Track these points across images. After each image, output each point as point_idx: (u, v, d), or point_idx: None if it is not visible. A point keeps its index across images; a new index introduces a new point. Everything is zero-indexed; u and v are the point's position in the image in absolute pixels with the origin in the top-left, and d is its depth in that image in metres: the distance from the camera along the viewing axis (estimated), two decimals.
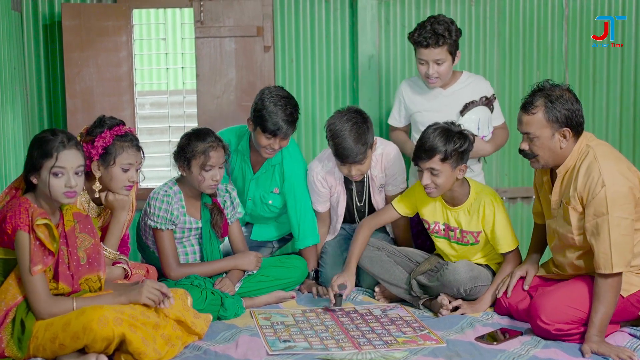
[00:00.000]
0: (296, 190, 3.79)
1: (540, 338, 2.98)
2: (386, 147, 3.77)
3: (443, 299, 3.32)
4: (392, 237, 3.92)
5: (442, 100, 3.83)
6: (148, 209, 3.45)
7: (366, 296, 3.65)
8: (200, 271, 3.45)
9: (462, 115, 3.75)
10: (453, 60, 3.73)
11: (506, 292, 3.27)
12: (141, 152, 3.16)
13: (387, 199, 3.79)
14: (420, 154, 3.27)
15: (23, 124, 4.37)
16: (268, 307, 3.48)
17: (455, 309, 3.33)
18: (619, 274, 2.87)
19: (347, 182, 3.81)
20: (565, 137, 2.98)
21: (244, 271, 3.56)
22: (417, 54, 3.74)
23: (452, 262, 3.43)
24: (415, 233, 3.87)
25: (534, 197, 3.40)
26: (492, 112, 3.82)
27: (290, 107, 3.59)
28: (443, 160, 3.24)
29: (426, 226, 3.54)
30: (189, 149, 3.40)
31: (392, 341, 3.00)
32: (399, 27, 4.62)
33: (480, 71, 4.60)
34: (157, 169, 4.78)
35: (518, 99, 4.44)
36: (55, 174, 2.68)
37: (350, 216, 3.91)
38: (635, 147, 4.80)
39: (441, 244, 3.51)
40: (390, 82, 4.63)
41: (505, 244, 3.37)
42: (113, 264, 3.12)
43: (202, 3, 4.50)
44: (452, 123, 3.34)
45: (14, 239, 2.64)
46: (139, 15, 4.69)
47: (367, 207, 3.86)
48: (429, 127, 3.33)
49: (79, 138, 2.99)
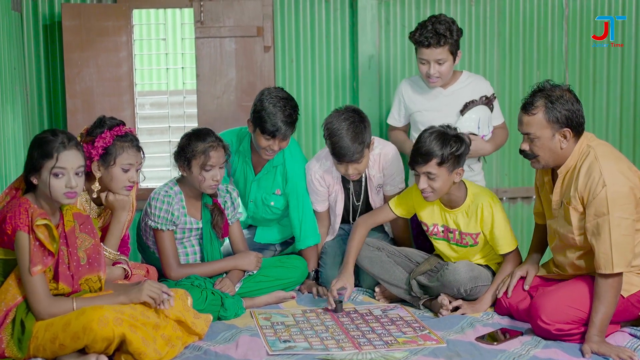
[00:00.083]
0: (299, 190, 3.78)
1: (540, 338, 2.98)
2: (384, 147, 3.76)
3: (443, 299, 3.32)
4: (391, 237, 3.92)
5: (442, 99, 3.82)
6: (149, 210, 3.45)
7: (366, 296, 3.64)
8: (200, 271, 3.45)
9: (462, 115, 3.74)
10: (454, 60, 3.73)
11: (506, 292, 3.27)
12: (141, 152, 3.16)
13: (386, 199, 3.79)
14: (417, 158, 3.26)
15: (23, 124, 4.36)
16: (268, 307, 3.48)
17: (456, 309, 3.32)
18: (620, 274, 2.87)
19: (345, 181, 3.81)
20: (565, 137, 2.98)
21: (244, 271, 3.56)
22: (418, 54, 3.73)
23: (452, 262, 3.43)
24: (416, 234, 3.87)
25: (534, 197, 3.40)
26: (492, 111, 3.82)
27: (289, 108, 3.59)
28: (440, 164, 3.23)
29: (425, 228, 3.54)
30: (189, 149, 3.39)
31: (393, 341, 3.00)
32: (399, 27, 4.62)
33: (480, 71, 4.60)
34: (157, 169, 4.78)
35: (518, 99, 4.45)
36: (56, 175, 2.68)
37: (349, 216, 3.91)
38: (636, 147, 4.80)
39: (441, 245, 3.51)
40: (390, 82, 4.63)
41: (505, 245, 3.37)
42: (113, 264, 3.12)
43: (202, 3, 4.50)
44: (448, 126, 3.33)
45: (14, 239, 2.64)
46: (139, 16, 4.69)
47: (365, 207, 3.86)
48: (425, 130, 3.32)
49: (79, 138, 2.98)
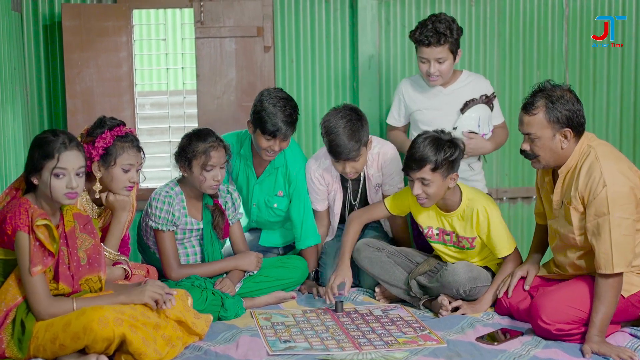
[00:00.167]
0: (300, 190, 3.78)
1: (541, 338, 2.98)
2: (383, 147, 3.77)
3: (443, 299, 3.32)
4: (391, 237, 3.92)
5: (443, 98, 3.83)
6: (149, 210, 3.44)
7: (367, 296, 3.64)
8: (201, 272, 3.44)
9: (463, 113, 3.75)
10: (454, 59, 3.74)
11: (507, 292, 3.27)
12: (142, 152, 3.16)
13: (384, 198, 3.78)
14: (411, 164, 3.24)
15: (23, 124, 4.36)
16: (268, 308, 3.48)
17: (456, 309, 3.32)
18: (620, 274, 2.87)
19: (344, 180, 3.81)
20: (566, 137, 2.97)
21: (245, 272, 3.55)
22: (418, 53, 3.74)
23: (451, 263, 3.43)
24: (416, 234, 3.87)
25: (535, 197, 3.39)
26: (492, 110, 3.83)
27: (289, 108, 3.59)
28: (434, 170, 3.21)
29: (421, 230, 3.54)
30: (189, 149, 3.39)
31: (393, 341, 3.00)
32: (399, 27, 4.62)
33: (480, 71, 4.59)
34: (157, 169, 4.78)
35: (518, 99, 4.46)
36: (57, 175, 2.68)
37: (348, 215, 3.90)
38: (636, 147, 4.80)
39: (437, 247, 3.51)
40: (390, 82, 4.63)
41: (503, 249, 3.35)
42: (113, 264, 3.12)
43: (202, 3, 4.50)
44: (442, 131, 3.31)
45: (14, 239, 2.64)
46: (139, 16, 4.69)
47: (363, 206, 3.85)
48: (419, 136, 3.31)
49: (79, 139, 2.98)
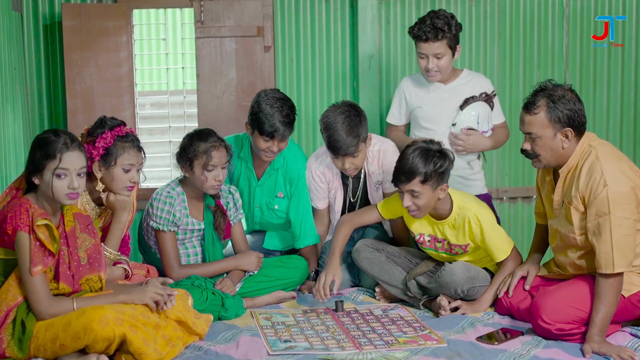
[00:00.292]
0: (301, 189, 3.78)
1: (541, 338, 2.97)
2: (384, 144, 3.77)
3: (442, 299, 3.31)
4: (391, 236, 3.91)
5: (443, 95, 3.85)
6: (150, 210, 3.44)
7: (367, 296, 3.64)
8: (201, 272, 3.44)
9: (462, 110, 3.76)
10: (453, 55, 3.75)
11: (507, 292, 3.27)
12: (142, 152, 3.16)
13: (384, 196, 3.78)
14: (400, 176, 3.22)
15: (23, 124, 4.36)
16: (269, 307, 3.47)
17: (455, 309, 3.32)
18: (621, 274, 2.87)
19: (345, 178, 3.81)
20: (567, 137, 2.97)
21: (245, 271, 3.55)
22: (417, 48, 3.76)
23: (449, 263, 3.41)
24: None
25: (535, 197, 3.39)
26: (492, 109, 3.84)
27: (286, 108, 3.58)
28: (423, 182, 3.19)
29: (413, 236, 3.52)
30: (191, 149, 3.39)
31: (393, 341, 2.99)
32: (399, 27, 4.62)
33: (480, 71, 4.59)
34: (157, 169, 4.78)
35: (519, 99, 4.46)
36: (59, 176, 2.68)
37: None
38: (636, 146, 4.80)
39: (430, 253, 3.51)
40: (390, 82, 4.63)
41: (500, 253, 3.34)
42: (114, 264, 3.12)
43: (202, 3, 4.50)
44: (431, 141, 3.29)
45: (15, 239, 2.64)
46: (139, 16, 4.68)
47: (364, 204, 3.85)
48: (408, 147, 3.28)
49: (80, 139, 2.98)
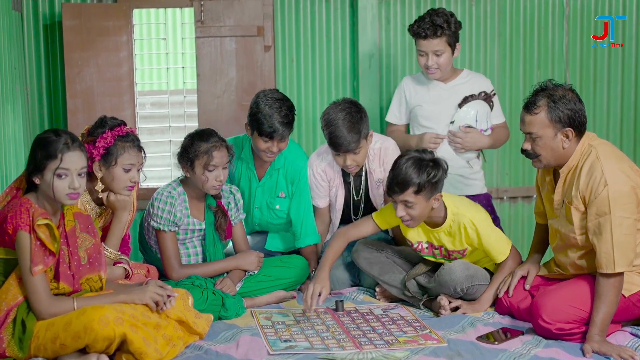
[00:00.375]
0: (302, 188, 3.78)
1: (541, 337, 2.97)
2: (385, 142, 3.78)
3: (442, 299, 3.31)
4: (392, 236, 3.92)
5: (442, 93, 3.86)
6: (151, 210, 3.44)
7: (367, 295, 3.64)
8: (202, 272, 3.44)
9: (460, 108, 3.78)
10: (453, 52, 3.76)
11: (507, 291, 3.27)
12: (142, 152, 3.16)
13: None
14: (393, 186, 3.19)
15: (24, 123, 4.36)
16: (269, 307, 3.47)
17: (456, 309, 3.32)
18: (621, 274, 2.87)
19: (346, 176, 3.82)
20: (567, 137, 2.97)
21: (245, 271, 3.55)
22: (417, 46, 3.77)
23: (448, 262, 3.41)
24: None
25: (535, 196, 3.39)
26: (491, 109, 3.85)
27: (285, 108, 3.58)
28: (417, 192, 3.16)
29: (409, 244, 3.48)
30: (192, 149, 3.39)
31: (393, 341, 2.99)
32: (399, 26, 4.62)
33: (480, 70, 4.60)
34: (157, 168, 4.78)
35: (519, 99, 4.46)
36: (59, 176, 2.68)
37: (349, 212, 3.90)
38: (636, 146, 4.81)
39: (428, 259, 3.48)
40: (390, 81, 4.63)
41: (499, 254, 3.32)
42: (114, 264, 3.12)
43: (202, 3, 4.50)
44: (424, 151, 3.27)
45: (15, 239, 2.64)
46: (139, 15, 4.69)
47: (365, 201, 3.85)
48: (401, 156, 3.25)
49: (80, 138, 2.98)
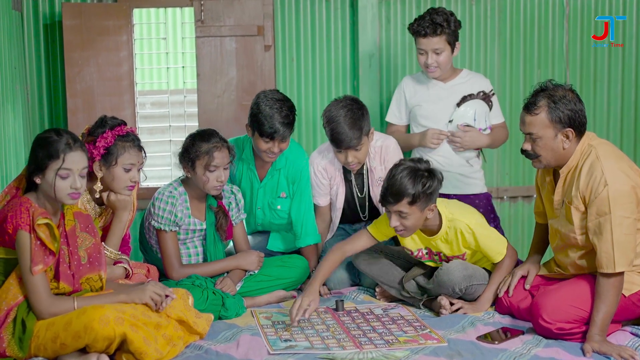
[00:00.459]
0: (303, 188, 3.78)
1: (541, 337, 2.97)
2: (386, 140, 3.80)
3: (442, 299, 3.31)
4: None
5: (441, 93, 3.87)
6: (152, 210, 3.44)
7: (367, 295, 3.64)
8: (202, 271, 3.44)
9: (459, 107, 3.79)
10: (452, 51, 3.77)
11: (507, 291, 3.27)
12: (143, 152, 3.16)
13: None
14: (388, 197, 3.16)
15: (24, 123, 4.36)
16: (269, 307, 3.48)
17: (456, 310, 3.31)
18: (621, 274, 2.87)
19: (347, 173, 3.82)
20: (568, 137, 2.97)
21: (246, 271, 3.55)
22: (416, 44, 3.79)
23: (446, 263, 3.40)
24: None
25: (535, 196, 3.39)
26: (490, 109, 3.86)
27: (285, 109, 3.58)
28: (411, 203, 3.13)
29: (408, 252, 3.46)
30: (193, 149, 3.39)
31: (394, 340, 3.00)
32: (399, 25, 4.62)
33: (481, 70, 4.60)
34: (157, 168, 4.78)
35: (519, 98, 4.46)
36: (62, 176, 2.68)
37: (350, 211, 3.91)
38: (637, 146, 4.80)
39: (429, 264, 3.48)
40: (391, 80, 4.63)
41: (496, 254, 3.32)
42: (114, 263, 3.12)
43: (202, 2, 4.50)
44: (419, 160, 3.24)
45: (15, 238, 2.64)
46: (139, 15, 4.68)
47: (367, 200, 3.86)
48: (396, 166, 3.21)
49: (80, 138, 2.98)
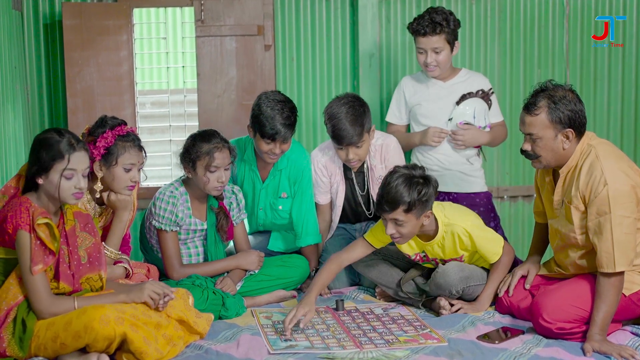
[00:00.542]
0: (305, 188, 3.78)
1: (542, 337, 2.97)
2: (386, 139, 3.81)
3: (441, 299, 3.31)
4: None
5: (441, 91, 3.88)
6: (153, 209, 3.44)
7: (367, 295, 3.64)
8: (202, 271, 3.44)
9: (458, 105, 3.80)
10: (452, 50, 3.78)
11: (507, 291, 3.27)
12: (143, 152, 3.16)
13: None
14: (383, 205, 3.14)
15: (24, 123, 4.36)
16: (269, 306, 3.48)
17: (456, 311, 3.30)
18: (622, 273, 2.87)
19: (347, 171, 3.82)
20: (568, 138, 2.97)
21: (246, 271, 3.55)
22: (416, 44, 3.80)
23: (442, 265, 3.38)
24: None
25: (534, 195, 3.39)
26: (489, 107, 3.87)
27: (287, 110, 3.58)
28: (407, 211, 3.11)
29: (406, 256, 3.45)
30: (193, 150, 3.39)
31: (394, 340, 3.00)
32: (399, 25, 4.62)
33: (481, 69, 4.60)
34: (157, 168, 4.78)
35: (519, 98, 4.46)
36: (67, 177, 2.68)
37: (350, 209, 3.92)
38: (637, 145, 4.80)
39: (428, 266, 3.48)
40: (391, 80, 4.63)
41: (493, 255, 3.31)
42: (114, 263, 3.12)
43: (202, 2, 4.49)
44: (414, 167, 3.22)
45: (15, 238, 2.64)
46: (139, 14, 4.68)
47: (367, 198, 3.86)
48: (391, 174, 3.18)
49: (80, 138, 2.98)
